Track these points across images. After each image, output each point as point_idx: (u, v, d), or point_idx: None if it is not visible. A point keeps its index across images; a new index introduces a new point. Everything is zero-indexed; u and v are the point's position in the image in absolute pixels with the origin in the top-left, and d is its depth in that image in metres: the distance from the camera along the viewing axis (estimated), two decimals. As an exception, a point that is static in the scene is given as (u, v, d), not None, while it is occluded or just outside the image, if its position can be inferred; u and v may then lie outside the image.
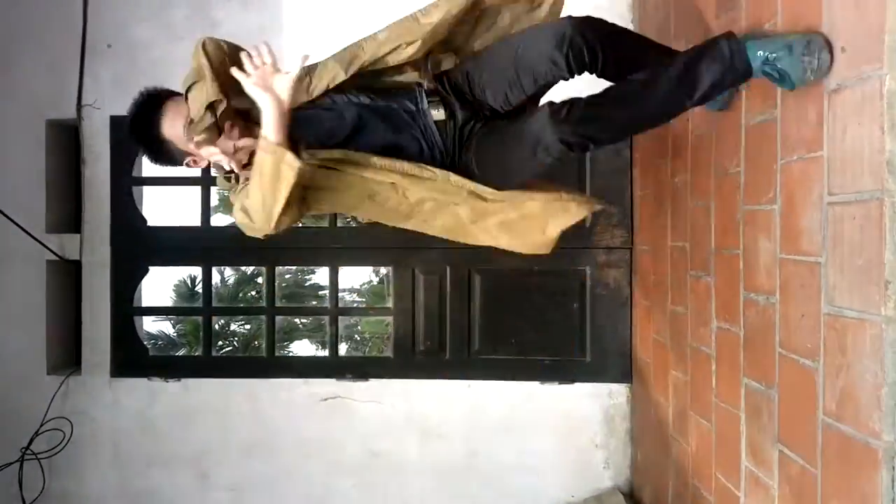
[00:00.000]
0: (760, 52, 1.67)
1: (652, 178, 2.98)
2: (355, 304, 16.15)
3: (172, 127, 1.92)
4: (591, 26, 1.80)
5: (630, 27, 3.34)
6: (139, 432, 3.50)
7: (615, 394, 3.37)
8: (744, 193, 1.98)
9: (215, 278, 11.39)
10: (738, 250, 2.02)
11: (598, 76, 1.86)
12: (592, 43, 1.76)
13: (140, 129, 1.95)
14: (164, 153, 1.99)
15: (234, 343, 14.49)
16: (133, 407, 3.50)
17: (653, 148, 2.95)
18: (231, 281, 14.69)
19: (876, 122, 1.34)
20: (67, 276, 3.60)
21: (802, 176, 1.63)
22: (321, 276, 14.47)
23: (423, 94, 2.04)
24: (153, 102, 1.96)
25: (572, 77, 1.82)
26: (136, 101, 1.98)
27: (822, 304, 1.54)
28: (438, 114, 2.02)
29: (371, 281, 15.64)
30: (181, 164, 2.02)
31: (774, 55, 1.62)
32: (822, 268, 1.54)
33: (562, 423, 3.37)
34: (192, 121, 1.88)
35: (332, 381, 3.44)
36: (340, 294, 3.73)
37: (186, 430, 3.48)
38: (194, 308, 9.85)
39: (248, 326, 14.09)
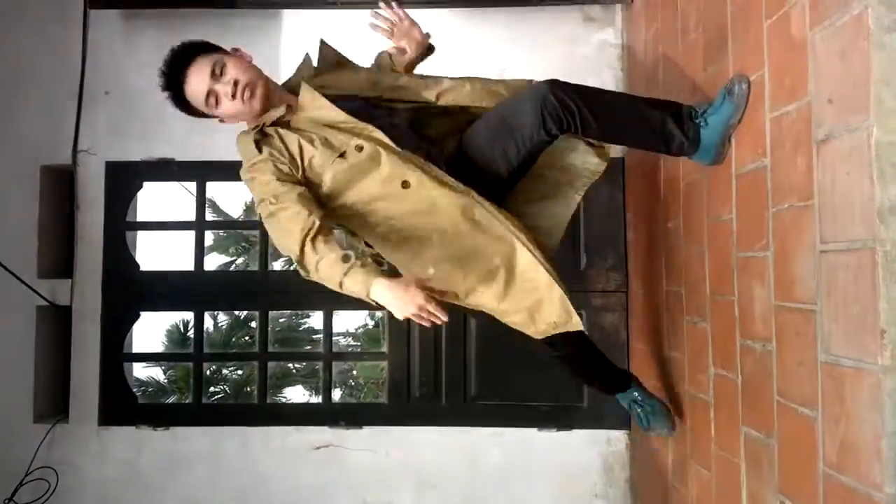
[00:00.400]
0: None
1: (645, 223, 2.99)
2: (350, 349, 16.05)
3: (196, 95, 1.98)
4: (565, 86, 1.92)
5: (619, 80, 3.39)
6: (126, 482, 3.43)
7: (614, 441, 3.33)
8: (737, 240, 1.98)
9: (208, 323, 11.35)
10: (732, 297, 2.01)
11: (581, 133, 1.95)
12: (568, 100, 1.88)
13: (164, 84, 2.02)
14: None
15: (226, 389, 14.32)
16: (120, 456, 3.43)
17: (646, 192, 2.97)
18: (224, 326, 14.58)
19: (865, 171, 1.34)
20: (57, 322, 3.57)
21: (794, 224, 1.63)
22: (316, 319, 14.39)
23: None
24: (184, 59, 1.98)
25: (555, 137, 1.91)
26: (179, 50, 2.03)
27: (818, 353, 1.53)
28: None
29: (366, 324, 15.55)
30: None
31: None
32: (816, 315, 1.53)
33: (560, 472, 3.32)
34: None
35: (326, 428, 3.40)
36: (335, 338, 3.72)
37: (175, 479, 3.42)
38: (185, 354, 9.76)
39: (240, 372, 13.94)
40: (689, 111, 2.00)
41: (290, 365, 14.44)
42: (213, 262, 14.09)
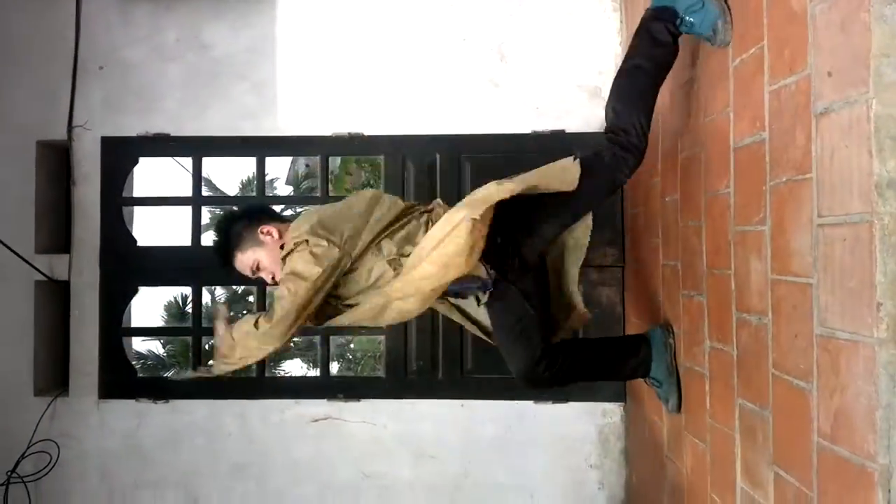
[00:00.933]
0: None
1: (643, 197, 2.99)
2: (347, 322, 16.04)
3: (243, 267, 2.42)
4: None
5: (617, 55, 3.37)
6: (127, 455, 3.46)
7: (609, 413, 3.36)
8: (734, 214, 1.98)
9: (206, 297, 11.33)
10: (729, 270, 2.02)
11: None
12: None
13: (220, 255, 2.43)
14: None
15: (224, 361, 14.35)
16: (121, 429, 3.46)
17: (643, 167, 2.95)
18: (222, 300, 14.59)
19: (863, 145, 1.34)
20: (56, 296, 3.58)
21: (792, 198, 1.64)
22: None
23: None
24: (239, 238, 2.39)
25: None
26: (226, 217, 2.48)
27: (814, 326, 1.54)
28: None
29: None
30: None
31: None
32: (813, 289, 1.54)
33: (556, 443, 3.36)
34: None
35: (324, 401, 3.42)
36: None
37: (175, 452, 3.45)
38: (183, 328, 9.77)
39: (239, 345, 13.95)
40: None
41: (288, 339, 14.45)
42: (208, 239, 14.04)
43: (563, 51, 3.41)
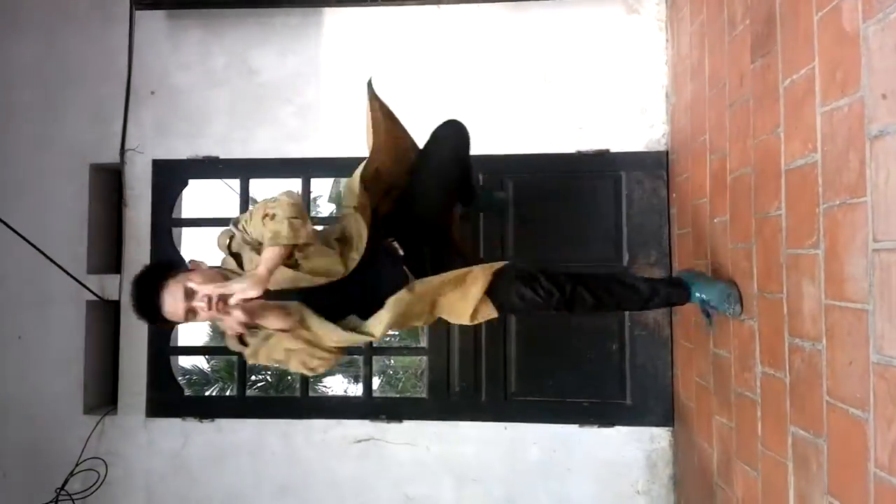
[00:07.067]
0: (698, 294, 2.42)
1: (690, 218, 2.95)
2: (388, 339, 16.14)
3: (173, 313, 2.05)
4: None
5: (664, 73, 3.34)
6: (172, 473, 3.51)
7: (657, 438, 3.30)
8: (786, 237, 1.94)
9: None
10: (781, 294, 1.97)
11: None
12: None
13: (144, 312, 2.08)
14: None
15: (268, 378, 14.52)
16: (167, 448, 3.52)
17: (691, 188, 2.93)
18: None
19: (922, 168, 1.31)
20: (106, 316, 3.66)
21: (846, 221, 1.60)
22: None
23: None
24: (151, 288, 2.05)
25: None
26: (139, 278, 2.10)
27: (870, 353, 1.49)
28: None
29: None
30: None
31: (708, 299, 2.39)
32: (869, 315, 1.50)
33: (602, 468, 3.30)
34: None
35: (367, 422, 3.42)
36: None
37: (220, 471, 3.49)
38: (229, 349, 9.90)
39: (282, 361, 14.10)
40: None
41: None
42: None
43: (607, 70, 3.39)
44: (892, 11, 1.40)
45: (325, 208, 17.07)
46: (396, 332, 16.03)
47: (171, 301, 2.02)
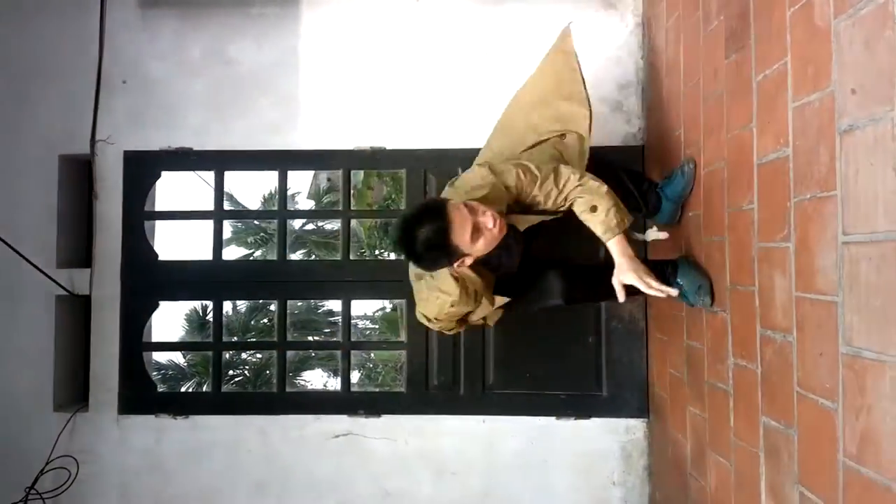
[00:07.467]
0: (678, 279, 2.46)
1: (664, 212, 2.96)
2: (368, 332, 16.13)
3: (461, 235, 2.13)
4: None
5: (640, 68, 3.36)
6: (146, 471, 3.46)
7: (632, 429, 3.32)
8: (758, 230, 1.96)
9: (227, 306, 11.40)
10: (753, 287, 2.00)
11: None
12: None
13: (433, 239, 2.12)
14: (441, 258, 2.20)
15: (245, 372, 14.44)
16: (140, 445, 3.47)
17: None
18: (243, 309, 14.69)
19: (889, 163, 1.33)
20: (77, 311, 3.61)
21: (816, 215, 1.62)
22: (335, 301, 14.40)
23: None
24: (437, 213, 2.14)
25: None
26: (418, 213, 2.17)
27: (839, 344, 1.52)
28: None
29: (384, 308, 15.60)
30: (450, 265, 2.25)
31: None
32: (838, 307, 1.52)
33: (578, 460, 3.33)
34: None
35: (345, 417, 3.41)
36: (353, 321, 3.70)
37: (194, 468, 3.45)
38: (204, 343, 9.84)
39: (259, 355, 14.06)
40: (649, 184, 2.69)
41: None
42: (231, 254, 14.21)
43: (585, 65, 3.37)
44: (863, 7, 1.42)
45: (303, 205, 17.00)
46: (376, 325, 16.08)
47: (459, 217, 2.12)
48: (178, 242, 4.59)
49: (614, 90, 3.38)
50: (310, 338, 15.21)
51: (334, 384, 13.96)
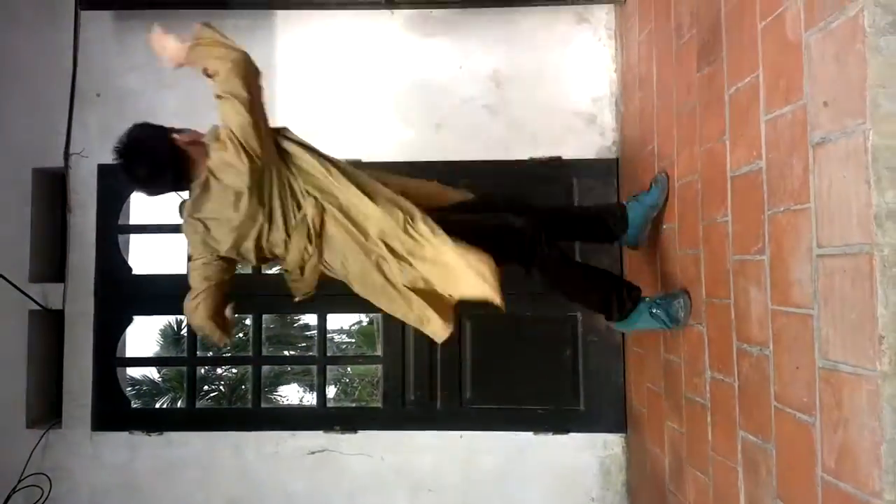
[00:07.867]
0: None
1: (640, 225, 2.97)
2: (344, 346, 16.03)
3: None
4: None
5: (613, 81, 3.38)
6: (119, 489, 3.40)
7: (610, 444, 3.31)
8: (732, 243, 1.96)
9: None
10: (728, 300, 1.99)
11: None
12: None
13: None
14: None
15: (221, 388, 14.28)
16: (114, 462, 3.41)
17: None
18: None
19: (861, 175, 1.33)
20: (50, 326, 3.54)
21: (790, 227, 1.62)
22: (310, 315, 14.33)
23: None
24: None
25: None
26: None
27: (816, 358, 1.51)
28: None
29: (360, 321, 15.52)
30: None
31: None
32: (814, 320, 1.52)
33: (556, 475, 3.31)
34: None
35: (320, 433, 3.37)
36: (329, 335, 3.67)
37: (168, 485, 3.39)
38: (179, 358, 9.72)
39: (234, 370, 13.92)
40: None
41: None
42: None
43: (559, 79, 3.42)
44: (834, 20, 1.42)
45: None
46: (353, 339, 15.98)
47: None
48: (153, 256, 4.53)
49: (588, 103, 3.40)
50: (285, 352, 15.09)
51: (310, 399, 13.85)
